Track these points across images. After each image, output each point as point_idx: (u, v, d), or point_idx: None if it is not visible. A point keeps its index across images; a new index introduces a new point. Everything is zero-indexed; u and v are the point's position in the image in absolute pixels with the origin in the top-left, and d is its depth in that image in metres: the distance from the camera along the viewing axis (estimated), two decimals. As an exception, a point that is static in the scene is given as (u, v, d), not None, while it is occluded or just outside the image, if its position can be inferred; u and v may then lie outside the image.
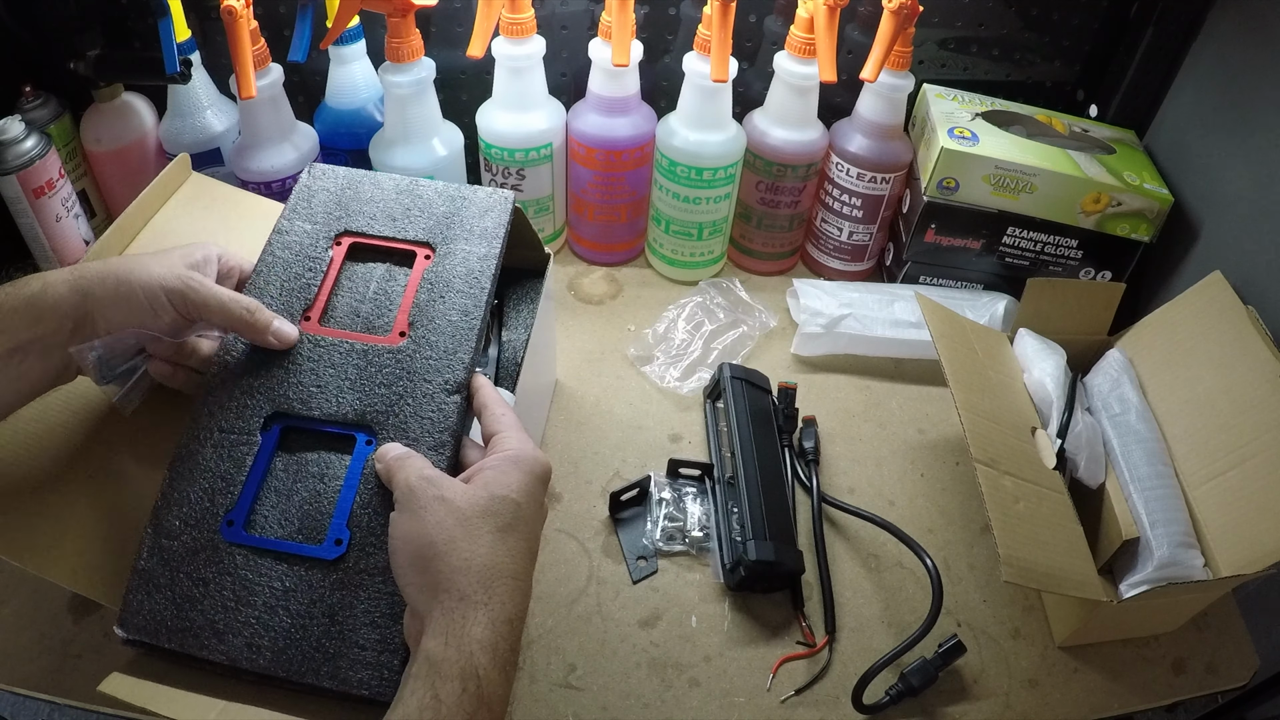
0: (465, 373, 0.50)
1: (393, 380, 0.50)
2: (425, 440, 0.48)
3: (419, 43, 0.76)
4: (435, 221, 0.56)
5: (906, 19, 0.73)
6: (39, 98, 0.80)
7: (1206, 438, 0.64)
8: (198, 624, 0.44)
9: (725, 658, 0.62)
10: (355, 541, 0.45)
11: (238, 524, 0.46)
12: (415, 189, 0.58)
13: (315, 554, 0.45)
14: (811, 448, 0.73)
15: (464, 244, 0.55)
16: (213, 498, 0.46)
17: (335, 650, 0.43)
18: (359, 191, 0.57)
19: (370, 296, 0.53)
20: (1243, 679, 0.63)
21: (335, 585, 0.44)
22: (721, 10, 0.71)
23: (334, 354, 0.50)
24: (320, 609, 0.44)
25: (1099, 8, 0.88)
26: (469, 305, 0.52)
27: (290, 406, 0.49)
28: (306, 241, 0.55)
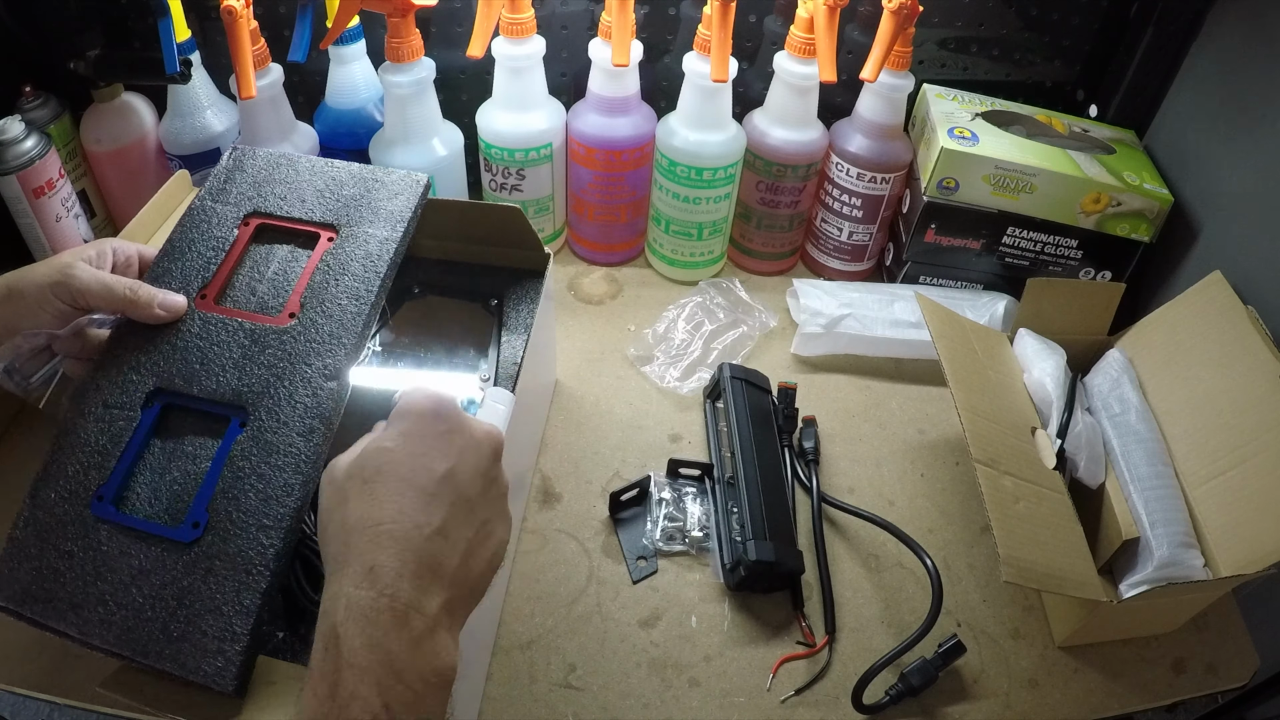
0: (345, 358, 0.50)
1: (273, 361, 0.49)
2: (294, 425, 0.47)
3: (419, 43, 0.76)
4: (343, 203, 0.56)
5: (906, 19, 0.73)
6: (39, 98, 0.80)
7: (1206, 438, 0.64)
8: (58, 595, 0.44)
9: (725, 658, 0.62)
10: (212, 525, 0.45)
11: (107, 499, 0.45)
12: (330, 170, 0.58)
13: (171, 535, 0.45)
14: (811, 448, 0.73)
15: (368, 226, 0.55)
16: (88, 472, 0.46)
17: (180, 634, 0.43)
18: (275, 173, 0.58)
19: (269, 277, 0.53)
20: (1243, 679, 0.63)
21: (187, 568, 0.44)
22: (721, 10, 0.71)
23: (220, 332, 0.50)
24: (170, 591, 0.44)
25: (1099, 8, 0.88)
26: (361, 290, 0.52)
27: (173, 383, 0.49)
28: (215, 221, 0.55)
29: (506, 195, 0.85)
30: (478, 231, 0.69)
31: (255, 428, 0.47)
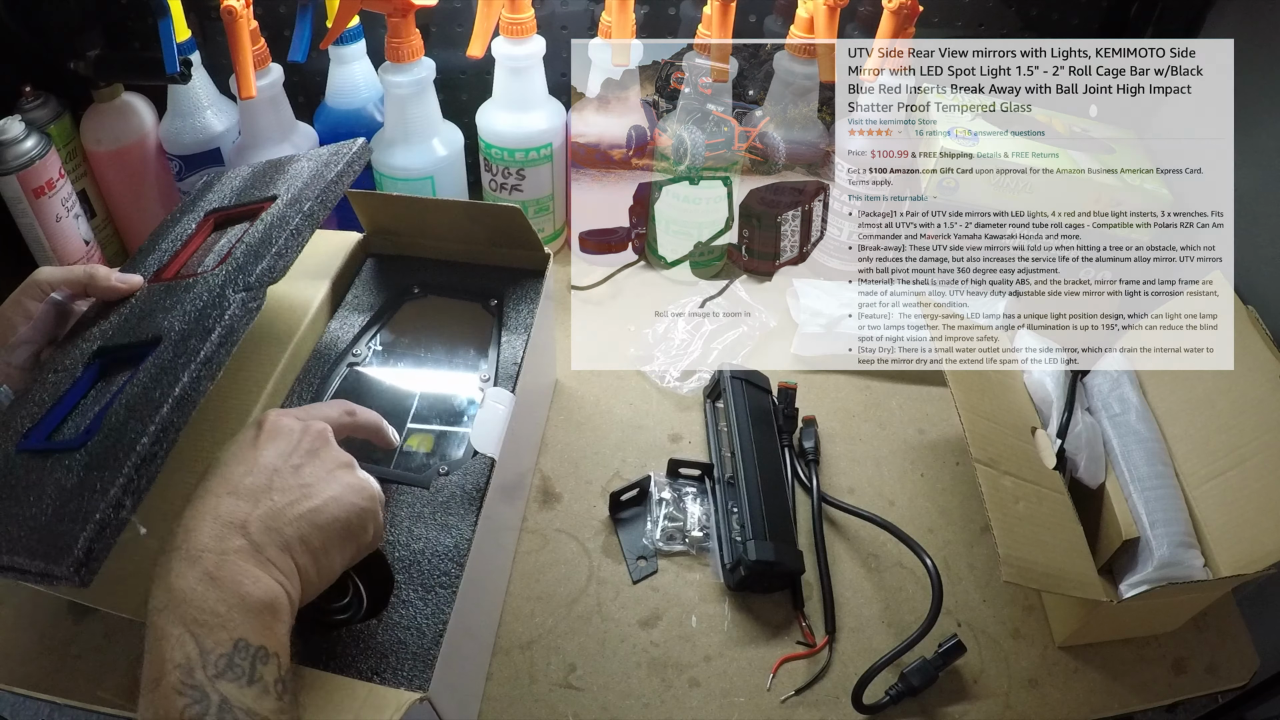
0: (257, 274, 0.52)
1: (195, 298, 0.52)
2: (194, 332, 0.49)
3: (419, 43, 0.76)
4: (290, 178, 0.60)
5: (906, 19, 0.73)
6: (39, 98, 0.80)
7: (1206, 438, 0.64)
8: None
9: (725, 658, 0.62)
10: (102, 431, 0.45)
11: (34, 437, 0.47)
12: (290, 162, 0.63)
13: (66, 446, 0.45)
14: (811, 448, 0.73)
15: (301, 186, 0.59)
16: (22, 422, 0.48)
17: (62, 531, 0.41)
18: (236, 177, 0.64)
19: (216, 249, 0.57)
20: (1243, 679, 0.63)
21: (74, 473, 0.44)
22: (721, 10, 0.71)
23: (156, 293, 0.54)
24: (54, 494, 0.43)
25: (1099, 8, 0.88)
26: (276, 220, 0.55)
27: (112, 341, 0.51)
28: (178, 226, 0.61)
29: (506, 195, 0.85)
30: (478, 231, 0.69)
31: (165, 345, 0.49)
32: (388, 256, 0.74)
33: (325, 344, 0.66)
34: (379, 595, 0.54)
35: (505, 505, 0.63)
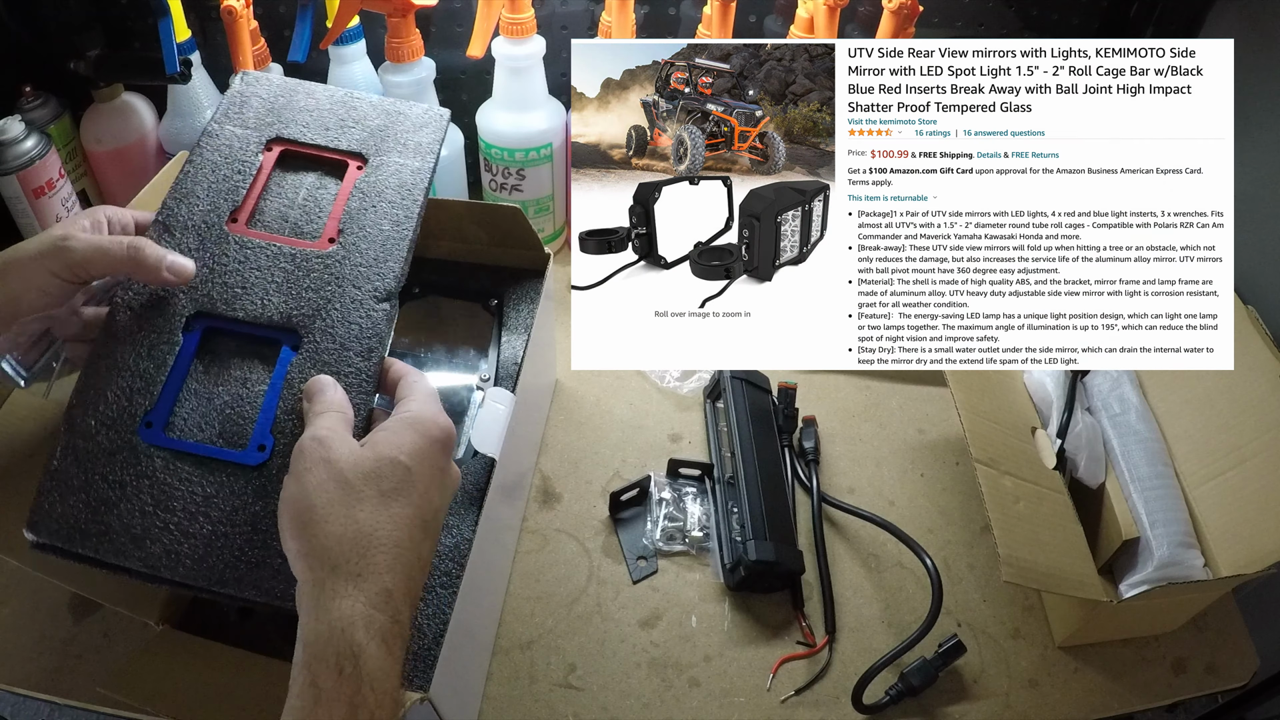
0: (395, 282, 0.49)
1: (320, 285, 0.48)
2: (352, 346, 0.46)
3: (419, 43, 0.76)
4: (369, 134, 0.55)
5: (906, 19, 0.73)
6: (39, 98, 0.80)
7: (1206, 438, 0.64)
8: (114, 529, 0.41)
9: (725, 658, 0.62)
10: (279, 449, 0.43)
11: (157, 426, 0.43)
12: (351, 100, 0.57)
13: (238, 459, 0.43)
14: (811, 448, 0.73)
15: (397, 156, 0.54)
16: (130, 398, 0.44)
17: (257, 559, 0.41)
18: (293, 100, 0.56)
19: (300, 203, 0.52)
20: (1243, 679, 0.63)
21: (258, 493, 0.42)
22: (721, 10, 0.71)
23: (261, 256, 0.49)
24: (242, 517, 0.42)
25: (1099, 8, 0.88)
26: (400, 215, 0.51)
27: (214, 307, 0.47)
28: (236, 145, 0.53)
29: (506, 195, 0.85)
30: (478, 231, 0.69)
31: (310, 349, 0.46)
32: (388, 256, 0.74)
33: (325, 344, 0.66)
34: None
35: (505, 505, 0.63)
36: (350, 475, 0.38)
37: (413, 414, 0.41)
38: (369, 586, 0.35)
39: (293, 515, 0.38)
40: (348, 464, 0.38)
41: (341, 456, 0.39)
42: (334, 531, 0.36)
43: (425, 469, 0.40)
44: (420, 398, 0.43)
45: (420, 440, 0.40)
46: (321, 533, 0.37)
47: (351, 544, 0.36)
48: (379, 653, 0.34)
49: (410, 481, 0.39)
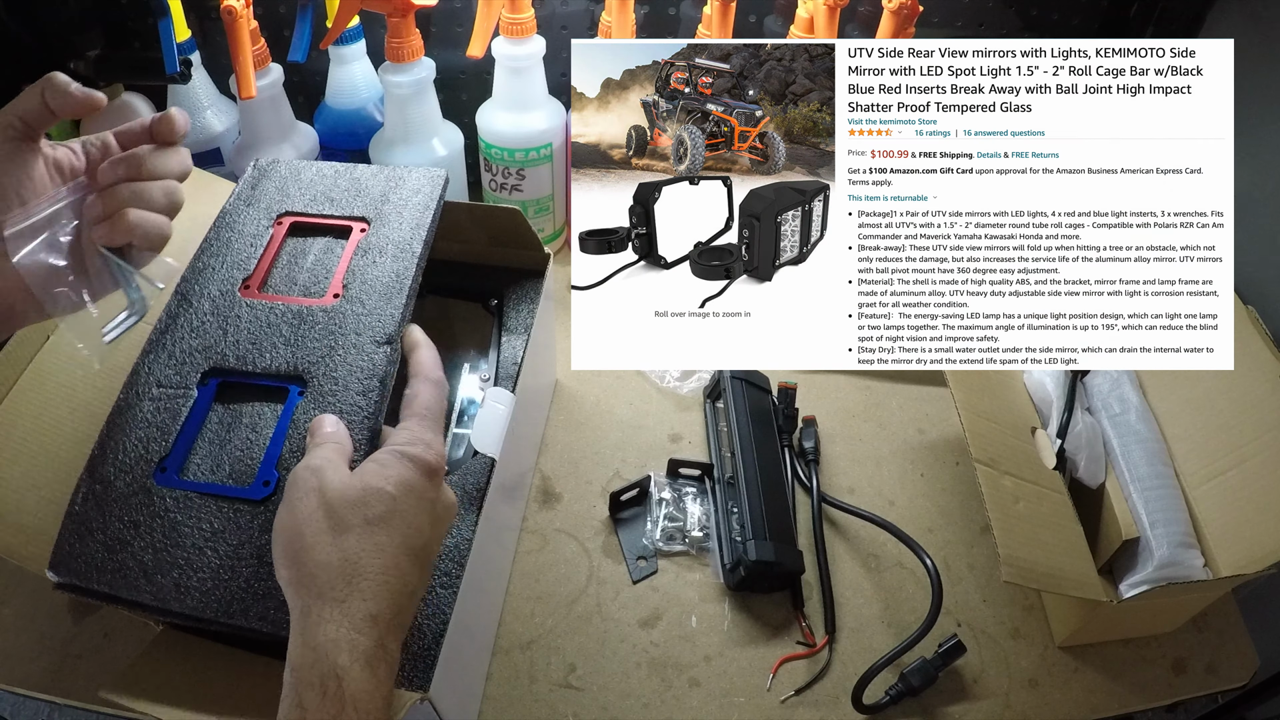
0: (395, 326, 0.51)
1: (325, 335, 0.51)
2: (353, 386, 0.48)
3: (419, 43, 0.76)
4: (371, 200, 0.59)
5: (906, 19, 0.73)
6: (39, 98, 0.80)
7: (1206, 438, 0.64)
8: (128, 565, 0.43)
9: (725, 658, 0.62)
10: (282, 484, 0.45)
11: (171, 470, 0.46)
12: (352, 172, 0.61)
13: (243, 495, 0.45)
14: (811, 448, 0.73)
15: (396, 217, 0.57)
16: (147, 446, 0.47)
17: (264, 591, 0.43)
18: (300, 177, 0.60)
19: (308, 267, 0.55)
20: (1243, 679, 0.63)
21: (263, 527, 0.44)
22: (721, 10, 0.71)
23: (270, 315, 0.52)
24: (249, 550, 0.44)
25: (1099, 8, 0.88)
26: (400, 268, 0.54)
27: (226, 363, 0.50)
28: (249, 223, 0.57)
29: (506, 195, 0.85)
30: (477, 231, 0.69)
31: (315, 392, 0.48)
32: (388, 256, 0.74)
33: (325, 344, 0.66)
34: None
35: (505, 505, 0.63)
36: (337, 504, 0.39)
37: (403, 443, 0.43)
38: (353, 611, 0.37)
39: (284, 543, 0.39)
40: (335, 493, 0.39)
41: (331, 485, 0.40)
42: (320, 559, 0.38)
43: (412, 499, 0.41)
44: (415, 425, 0.44)
45: (407, 471, 0.41)
46: (309, 560, 0.38)
47: (337, 571, 0.37)
48: (363, 675, 0.35)
49: (396, 511, 0.40)
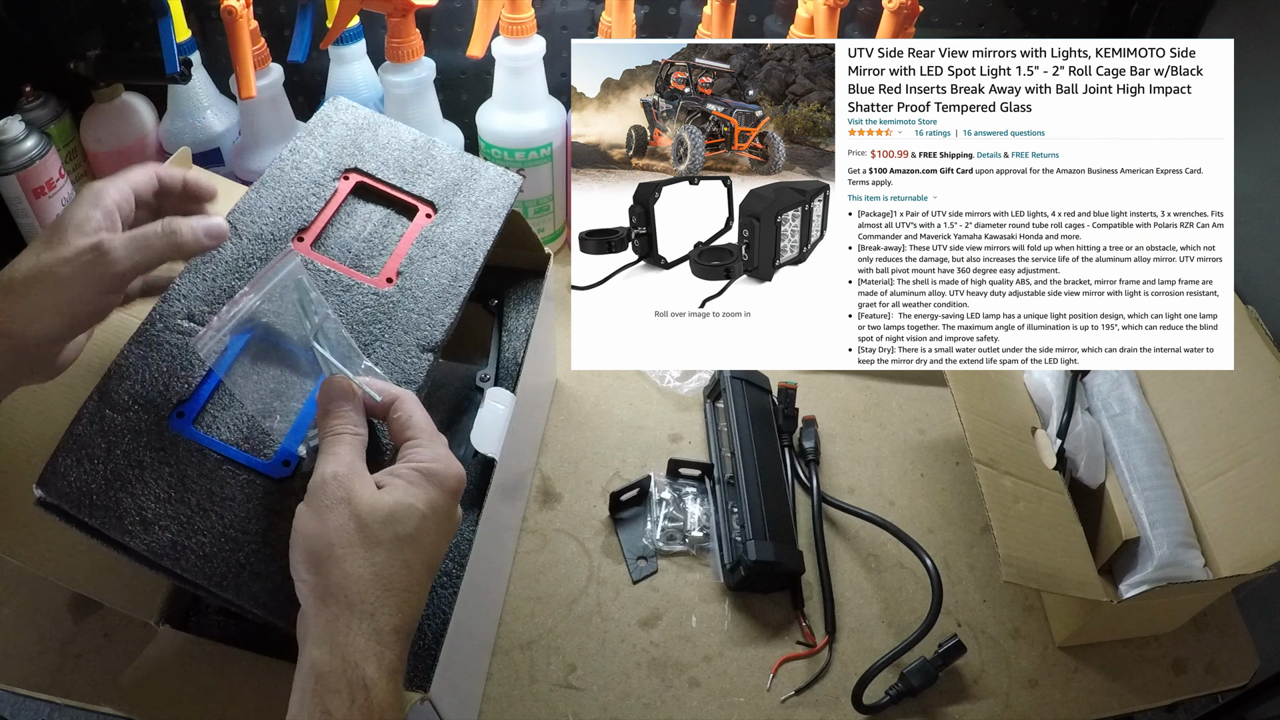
0: (444, 335, 0.50)
1: (371, 321, 0.49)
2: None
3: (419, 43, 0.76)
4: (444, 184, 0.56)
5: (906, 19, 0.73)
6: (39, 98, 0.80)
7: (1206, 438, 0.64)
8: (125, 506, 0.41)
9: (725, 658, 0.62)
10: (302, 468, 0.44)
11: (188, 416, 0.43)
12: (431, 148, 0.58)
13: (262, 468, 0.43)
14: (811, 448, 0.73)
15: (466, 213, 0.55)
16: (168, 382, 0.44)
17: (261, 571, 0.42)
18: (376, 135, 0.57)
19: (365, 236, 0.52)
20: (1243, 679, 0.63)
21: (274, 506, 0.43)
22: (721, 10, 0.71)
23: (320, 280, 0.49)
24: (255, 526, 0.42)
25: (1099, 8, 0.88)
26: (459, 270, 0.52)
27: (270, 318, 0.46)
28: (316, 167, 0.54)
29: (506, 195, 0.85)
30: (478, 231, 0.69)
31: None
32: (388, 256, 0.74)
33: (325, 344, 0.66)
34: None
35: (505, 505, 0.63)
36: (368, 519, 0.40)
37: (427, 464, 0.42)
38: (381, 625, 0.38)
39: (310, 550, 0.39)
40: (366, 508, 0.40)
41: (361, 500, 0.40)
42: (351, 572, 0.38)
43: (438, 518, 0.42)
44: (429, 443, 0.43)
45: (436, 493, 0.42)
46: (339, 571, 0.38)
47: (368, 585, 0.38)
48: (388, 687, 0.37)
49: (424, 529, 0.41)
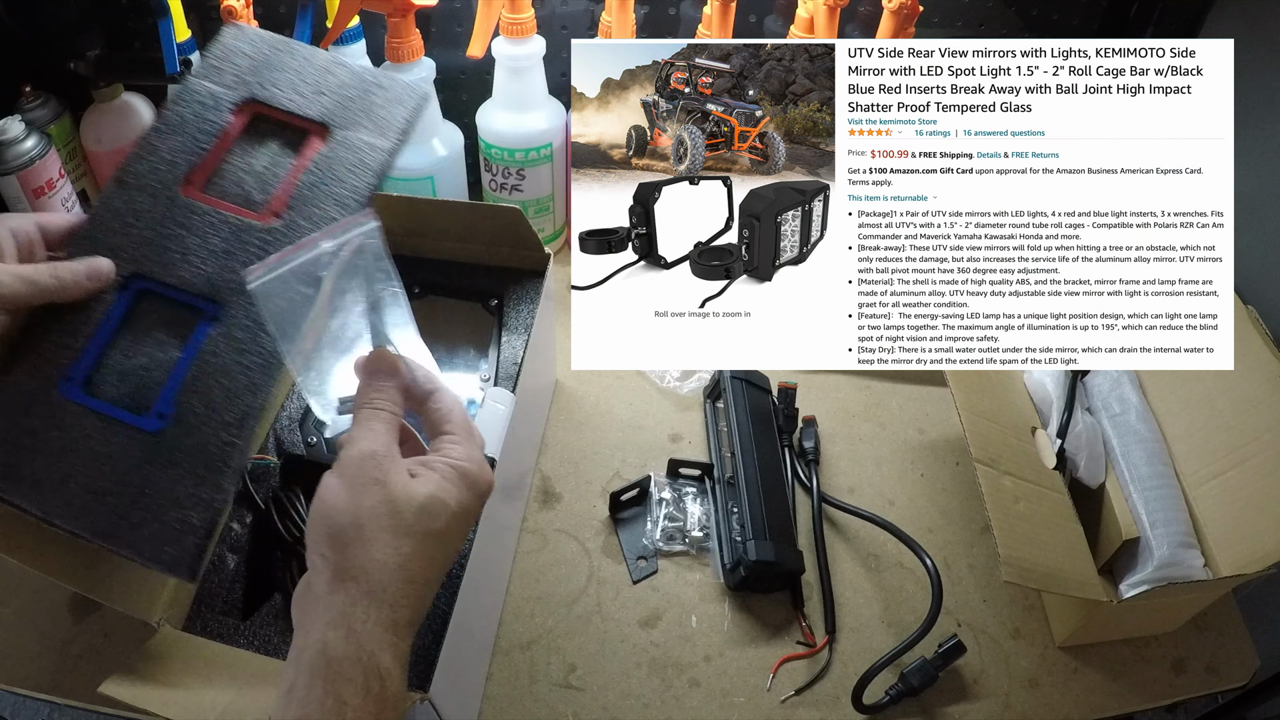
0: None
1: (253, 260, 0.47)
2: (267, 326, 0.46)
3: (419, 43, 0.76)
4: (338, 103, 0.53)
5: (906, 19, 0.73)
6: (39, 98, 0.80)
7: (1206, 438, 0.64)
8: (21, 471, 0.43)
9: (725, 658, 0.62)
10: (178, 418, 0.44)
11: (74, 381, 0.45)
12: (332, 66, 0.55)
13: (137, 423, 0.44)
14: (811, 448, 0.73)
15: (364, 133, 0.52)
16: (58, 351, 0.45)
17: (139, 520, 0.43)
18: (278, 59, 0.55)
19: (257, 171, 0.51)
20: (1243, 679, 0.63)
21: (149, 458, 0.44)
22: (721, 10, 0.71)
23: (204, 223, 0.48)
24: (134, 478, 0.43)
25: (1099, 8, 0.88)
26: (349, 198, 0.50)
27: (149, 269, 0.47)
28: (209, 103, 0.52)
29: (506, 195, 0.85)
30: (478, 231, 0.69)
31: (228, 323, 0.46)
32: (388, 256, 0.74)
33: (325, 344, 0.66)
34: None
35: (505, 505, 0.63)
36: (403, 506, 0.39)
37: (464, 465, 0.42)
38: (399, 617, 0.37)
39: (337, 525, 0.38)
40: (401, 493, 0.39)
41: (396, 485, 0.39)
42: (377, 557, 0.38)
43: (465, 520, 0.41)
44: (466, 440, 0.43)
45: (469, 495, 0.41)
46: (364, 555, 0.38)
47: (393, 574, 0.38)
48: (400, 678, 0.37)
49: (451, 528, 0.40)
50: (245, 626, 0.53)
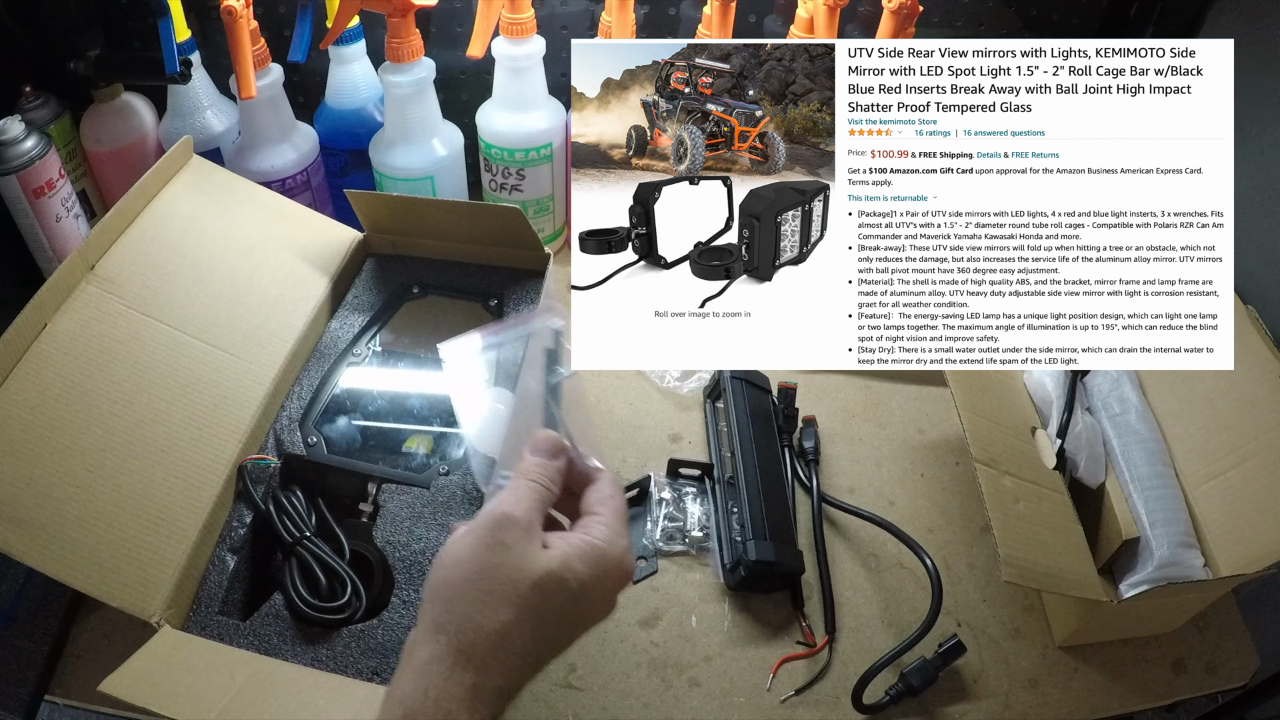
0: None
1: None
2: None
3: (419, 43, 0.76)
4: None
5: (906, 19, 0.73)
6: (39, 98, 0.80)
7: (1206, 438, 0.64)
8: None
9: (725, 658, 0.62)
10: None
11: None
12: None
13: None
14: (811, 448, 0.73)
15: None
16: None
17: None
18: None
19: None
20: (1243, 679, 0.63)
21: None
22: (721, 10, 0.71)
23: None
24: None
25: (1099, 8, 0.88)
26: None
27: None
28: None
29: (506, 195, 0.85)
30: (478, 231, 0.69)
31: None
32: (387, 256, 0.74)
33: (326, 343, 0.66)
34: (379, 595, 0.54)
35: (505, 505, 0.63)
36: (519, 577, 0.38)
37: (599, 543, 0.40)
38: (485, 682, 0.36)
39: (448, 576, 0.38)
40: (522, 563, 0.38)
41: (520, 552, 0.38)
42: (475, 619, 0.37)
43: (585, 601, 0.40)
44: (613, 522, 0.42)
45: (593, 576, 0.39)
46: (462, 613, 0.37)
47: (486, 638, 0.37)
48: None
49: (566, 608, 0.39)
50: (245, 626, 0.53)
